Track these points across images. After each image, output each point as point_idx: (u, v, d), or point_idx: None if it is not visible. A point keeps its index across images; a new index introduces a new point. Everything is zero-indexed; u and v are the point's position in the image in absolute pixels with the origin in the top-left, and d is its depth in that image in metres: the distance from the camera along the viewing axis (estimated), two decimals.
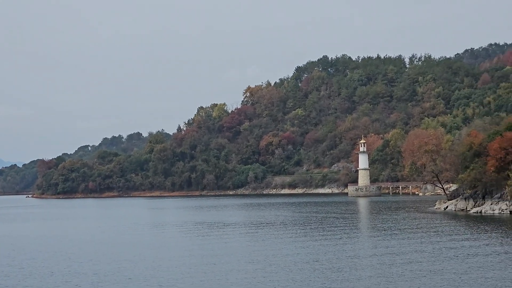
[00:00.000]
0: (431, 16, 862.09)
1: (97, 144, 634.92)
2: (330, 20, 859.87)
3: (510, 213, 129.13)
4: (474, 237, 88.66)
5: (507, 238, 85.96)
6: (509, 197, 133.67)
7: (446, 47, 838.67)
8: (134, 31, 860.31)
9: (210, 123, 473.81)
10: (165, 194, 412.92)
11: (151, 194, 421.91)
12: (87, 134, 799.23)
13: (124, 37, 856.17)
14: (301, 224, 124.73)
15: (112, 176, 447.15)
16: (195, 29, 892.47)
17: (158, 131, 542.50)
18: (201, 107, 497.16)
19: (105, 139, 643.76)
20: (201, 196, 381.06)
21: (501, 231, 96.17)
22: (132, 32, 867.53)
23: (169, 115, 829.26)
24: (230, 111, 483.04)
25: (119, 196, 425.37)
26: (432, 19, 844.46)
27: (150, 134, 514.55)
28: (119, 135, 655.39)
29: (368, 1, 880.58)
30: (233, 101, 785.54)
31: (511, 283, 54.25)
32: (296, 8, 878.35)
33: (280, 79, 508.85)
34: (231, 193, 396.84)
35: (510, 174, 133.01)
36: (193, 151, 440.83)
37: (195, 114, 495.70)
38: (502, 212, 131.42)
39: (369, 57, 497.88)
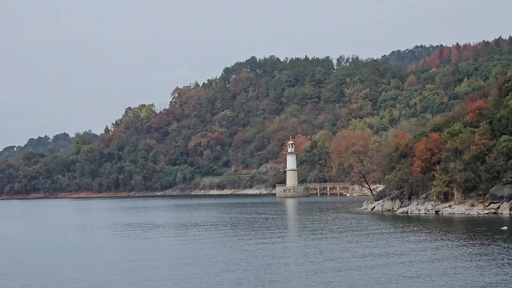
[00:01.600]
0: (358, 18, 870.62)
1: (23, 145, 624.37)
2: (258, 21, 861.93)
3: (436, 213, 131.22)
4: (403, 236, 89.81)
5: (433, 237, 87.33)
6: (434, 198, 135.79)
7: (373, 48, 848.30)
8: (62, 31, 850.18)
9: (138, 123, 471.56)
10: (92, 195, 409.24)
11: (78, 195, 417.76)
12: (12, 134, 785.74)
13: (51, 35, 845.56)
14: (231, 225, 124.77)
15: (38, 177, 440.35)
16: (124, 29, 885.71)
17: (85, 131, 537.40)
18: (129, 108, 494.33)
19: (31, 139, 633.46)
20: (129, 197, 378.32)
21: (427, 230, 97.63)
22: (59, 31, 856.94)
23: (96, 116, 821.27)
24: (158, 112, 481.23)
25: (45, 197, 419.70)
26: (359, 21, 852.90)
27: (77, 134, 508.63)
28: (46, 136, 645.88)
29: (296, 2, 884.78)
30: (162, 102, 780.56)
31: (441, 281, 55.13)
32: (225, 9, 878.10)
33: (208, 80, 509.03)
34: (159, 194, 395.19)
35: (436, 175, 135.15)
36: (120, 152, 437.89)
37: (123, 115, 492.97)
38: (427, 212, 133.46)
39: (297, 58, 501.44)
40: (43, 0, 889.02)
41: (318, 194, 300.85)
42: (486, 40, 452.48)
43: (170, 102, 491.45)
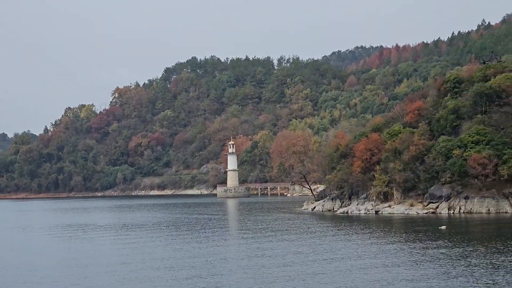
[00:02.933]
0: (299, 19, 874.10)
1: None
2: (199, 21, 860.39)
3: (376, 213, 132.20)
4: (344, 236, 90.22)
5: (374, 237, 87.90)
6: (374, 198, 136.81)
7: (313, 49, 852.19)
8: (1, 30, 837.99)
9: (78, 124, 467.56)
10: (31, 196, 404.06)
11: (16, 196, 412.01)
12: None
13: None
14: (174, 226, 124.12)
15: None
16: (64, 29, 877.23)
17: (24, 132, 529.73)
18: (69, 108, 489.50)
19: None
20: (68, 198, 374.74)
21: (368, 230, 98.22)
22: None
23: (35, 116, 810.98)
24: (98, 112, 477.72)
25: None
26: (300, 22, 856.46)
27: (16, 135, 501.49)
28: None
29: (236, 3, 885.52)
30: (102, 102, 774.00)
31: (382, 279, 55.49)
32: (165, 9, 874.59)
33: (149, 80, 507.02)
34: (99, 194, 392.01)
35: (375, 175, 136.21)
36: (60, 153, 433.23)
37: (62, 115, 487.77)
38: (367, 212, 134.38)
39: (238, 58, 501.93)
40: None
41: (259, 194, 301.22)
42: (425, 42, 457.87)
43: (111, 102, 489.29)
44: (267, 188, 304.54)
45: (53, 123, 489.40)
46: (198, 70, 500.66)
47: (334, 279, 56.77)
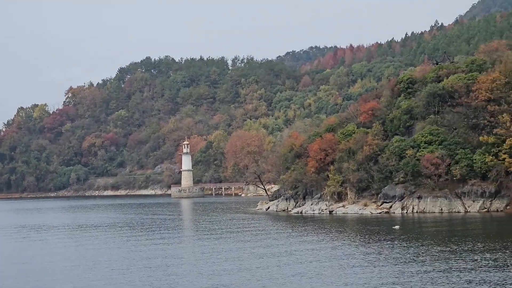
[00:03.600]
0: (253, 19, 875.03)
1: None
2: (152, 21, 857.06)
3: (330, 213, 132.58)
4: (298, 236, 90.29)
5: (329, 237, 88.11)
6: (328, 197, 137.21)
7: (268, 49, 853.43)
8: None
9: (31, 124, 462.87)
10: None
11: None
12: None
13: None
14: (129, 226, 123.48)
15: None
16: (16, 27, 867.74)
17: None
18: (22, 108, 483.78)
19: None
20: (21, 198, 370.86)
21: (322, 230, 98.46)
22: None
23: None
24: (51, 112, 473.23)
25: None
26: (254, 22, 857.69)
27: None
28: None
29: (190, 3, 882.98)
30: (55, 102, 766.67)
31: (338, 280, 55.63)
32: (119, 8, 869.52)
33: (103, 80, 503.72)
34: (52, 195, 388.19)
35: (330, 175, 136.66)
36: (12, 153, 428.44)
37: (15, 115, 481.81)
38: (322, 212, 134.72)
39: (192, 58, 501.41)
40: None
41: (213, 194, 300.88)
42: (379, 42, 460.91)
43: (64, 102, 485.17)
44: (222, 188, 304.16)
45: (6, 123, 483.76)
46: (152, 70, 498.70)
47: (290, 281, 56.73)
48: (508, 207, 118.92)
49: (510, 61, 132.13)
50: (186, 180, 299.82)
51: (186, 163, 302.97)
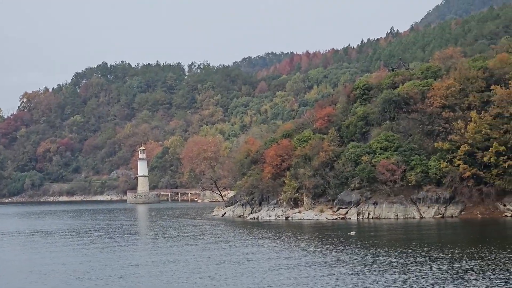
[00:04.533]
0: (209, 24, 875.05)
1: None
2: (109, 26, 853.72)
3: (286, 219, 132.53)
4: (254, 243, 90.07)
5: (285, 243, 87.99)
6: (284, 203, 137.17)
7: (224, 55, 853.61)
8: None
9: None
10: None
11: None
12: None
13: None
14: (85, 232, 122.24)
15: None
16: None
17: None
18: None
19: None
20: None
21: (278, 236, 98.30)
22: None
23: None
24: (6, 117, 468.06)
25: None
26: (210, 27, 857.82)
27: None
28: None
29: (146, 8, 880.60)
30: (10, 107, 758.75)
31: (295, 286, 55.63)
32: (76, 13, 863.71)
33: (58, 85, 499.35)
34: (6, 201, 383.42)
35: (286, 181, 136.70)
36: None
37: None
38: (278, 218, 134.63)
39: (149, 64, 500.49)
40: None
41: (170, 200, 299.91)
42: (335, 48, 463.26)
43: (19, 107, 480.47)
44: (178, 194, 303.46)
45: None
46: (108, 76, 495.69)
47: None
48: (462, 212, 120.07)
49: (464, 68, 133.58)
50: (142, 186, 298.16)
51: (142, 168, 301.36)
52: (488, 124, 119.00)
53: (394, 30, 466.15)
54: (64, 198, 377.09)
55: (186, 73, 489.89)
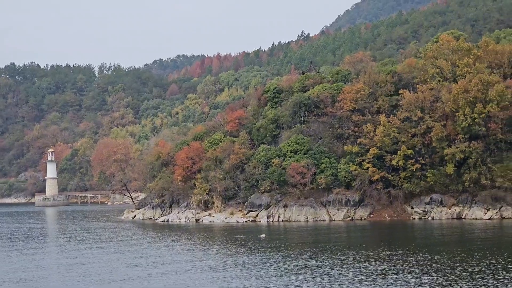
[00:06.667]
0: (120, 26, 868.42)
1: None
2: (17, 27, 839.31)
3: (196, 222, 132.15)
4: (164, 245, 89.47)
5: (194, 245, 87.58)
6: (195, 206, 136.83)
7: (135, 57, 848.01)
8: None
9: None
10: None
11: None
12: None
13: None
14: None
15: None
16: None
17: None
18: None
19: None
20: None
21: (187, 239, 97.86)
22: None
23: None
24: None
25: None
26: (121, 29, 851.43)
27: None
28: None
29: (56, 9, 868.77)
30: None
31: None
32: None
33: None
34: None
35: (196, 183, 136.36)
36: None
37: None
38: (188, 221, 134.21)
39: (58, 65, 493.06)
40: None
41: (79, 203, 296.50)
42: (246, 51, 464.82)
43: None
44: (87, 196, 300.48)
45: None
46: (16, 76, 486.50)
47: None
48: (371, 215, 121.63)
49: (374, 72, 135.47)
50: (51, 188, 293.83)
51: (51, 171, 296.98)
52: (397, 128, 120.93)
53: (305, 34, 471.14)
54: None
55: (97, 75, 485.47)
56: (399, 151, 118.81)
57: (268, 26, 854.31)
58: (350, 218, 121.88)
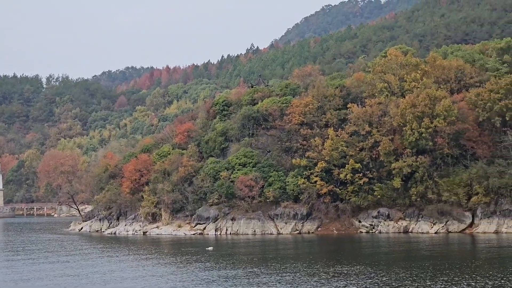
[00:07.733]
0: (69, 36, 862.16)
1: None
2: None
3: (144, 234, 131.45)
4: (110, 258, 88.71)
5: (139, 258, 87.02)
6: (142, 218, 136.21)
7: (83, 68, 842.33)
8: None
9: None
10: None
11: None
12: None
13: None
14: None
15: None
16: None
17: None
18: None
19: None
20: None
21: (133, 252, 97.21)
22: None
23: None
24: None
25: None
26: (70, 40, 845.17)
27: None
28: None
29: (2, 18, 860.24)
30: None
31: None
32: None
33: None
34: None
35: (144, 196, 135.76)
36: None
37: None
38: (135, 233, 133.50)
39: (5, 75, 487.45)
40: None
41: (25, 214, 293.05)
42: (195, 64, 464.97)
43: None
44: (34, 208, 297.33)
45: None
46: None
47: None
48: (319, 228, 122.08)
49: (322, 86, 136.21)
50: None
51: None
52: (345, 142, 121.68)
53: (254, 47, 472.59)
54: None
55: (44, 86, 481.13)
56: (347, 165, 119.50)
57: (218, 39, 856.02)
58: (298, 231, 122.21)
